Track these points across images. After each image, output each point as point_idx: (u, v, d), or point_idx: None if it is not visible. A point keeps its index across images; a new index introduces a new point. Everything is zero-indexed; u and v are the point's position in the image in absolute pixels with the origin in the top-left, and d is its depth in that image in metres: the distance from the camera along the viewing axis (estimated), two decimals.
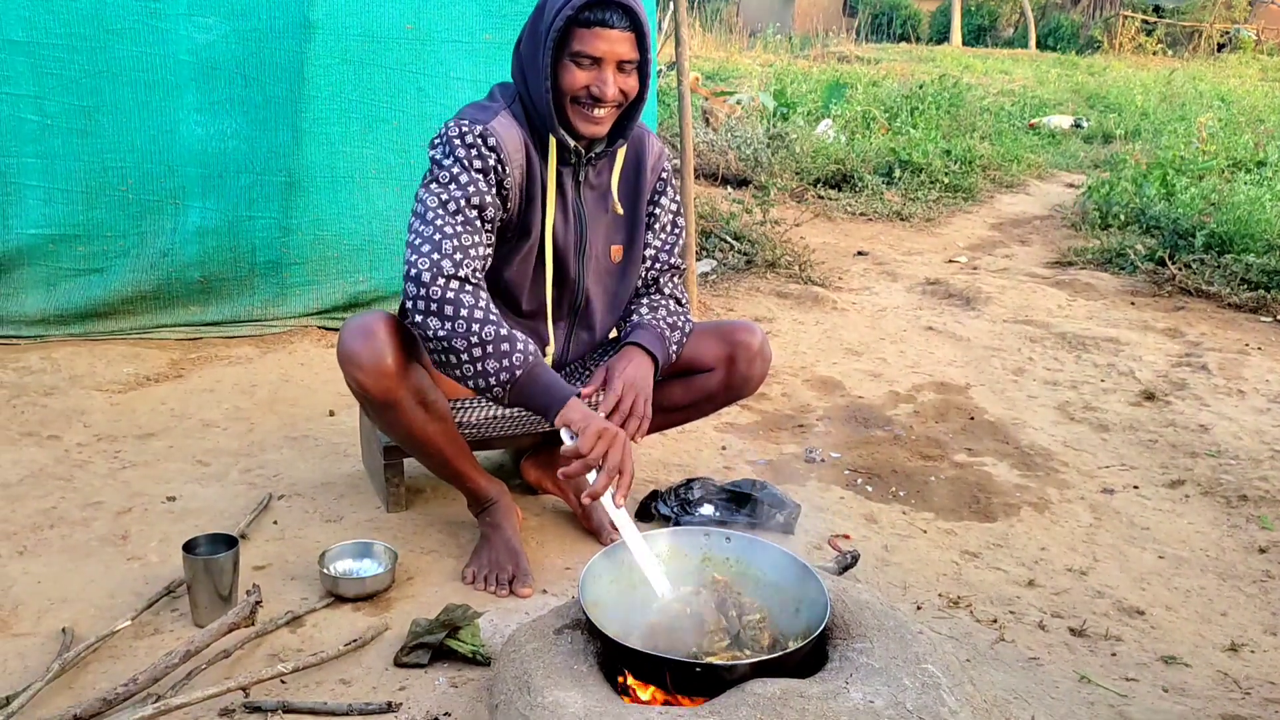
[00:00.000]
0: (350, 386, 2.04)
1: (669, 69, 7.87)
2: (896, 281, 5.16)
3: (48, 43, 3.27)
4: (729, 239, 5.25)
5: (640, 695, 1.57)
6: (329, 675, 1.80)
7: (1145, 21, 22.22)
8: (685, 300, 2.31)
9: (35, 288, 3.45)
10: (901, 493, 2.81)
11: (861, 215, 6.55)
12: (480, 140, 1.96)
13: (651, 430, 2.25)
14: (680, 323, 2.22)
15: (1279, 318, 4.57)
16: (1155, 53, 20.48)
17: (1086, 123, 10.71)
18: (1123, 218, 6.16)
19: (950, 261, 5.65)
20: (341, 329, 2.03)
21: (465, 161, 1.94)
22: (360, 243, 3.69)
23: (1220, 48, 20.96)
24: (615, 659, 1.61)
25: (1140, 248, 5.43)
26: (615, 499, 1.78)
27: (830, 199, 6.78)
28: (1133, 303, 4.86)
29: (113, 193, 3.43)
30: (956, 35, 23.66)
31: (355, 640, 1.88)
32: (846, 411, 3.37)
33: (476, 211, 1.93)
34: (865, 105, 9.17)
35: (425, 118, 3.63)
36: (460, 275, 1.86)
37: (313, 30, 3.43)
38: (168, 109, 3.41)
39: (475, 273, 1.90)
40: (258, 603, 1.90)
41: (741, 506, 2.46)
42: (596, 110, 1.97)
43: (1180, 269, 5.09)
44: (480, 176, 1.95)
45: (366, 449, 2.62)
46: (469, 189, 1.93)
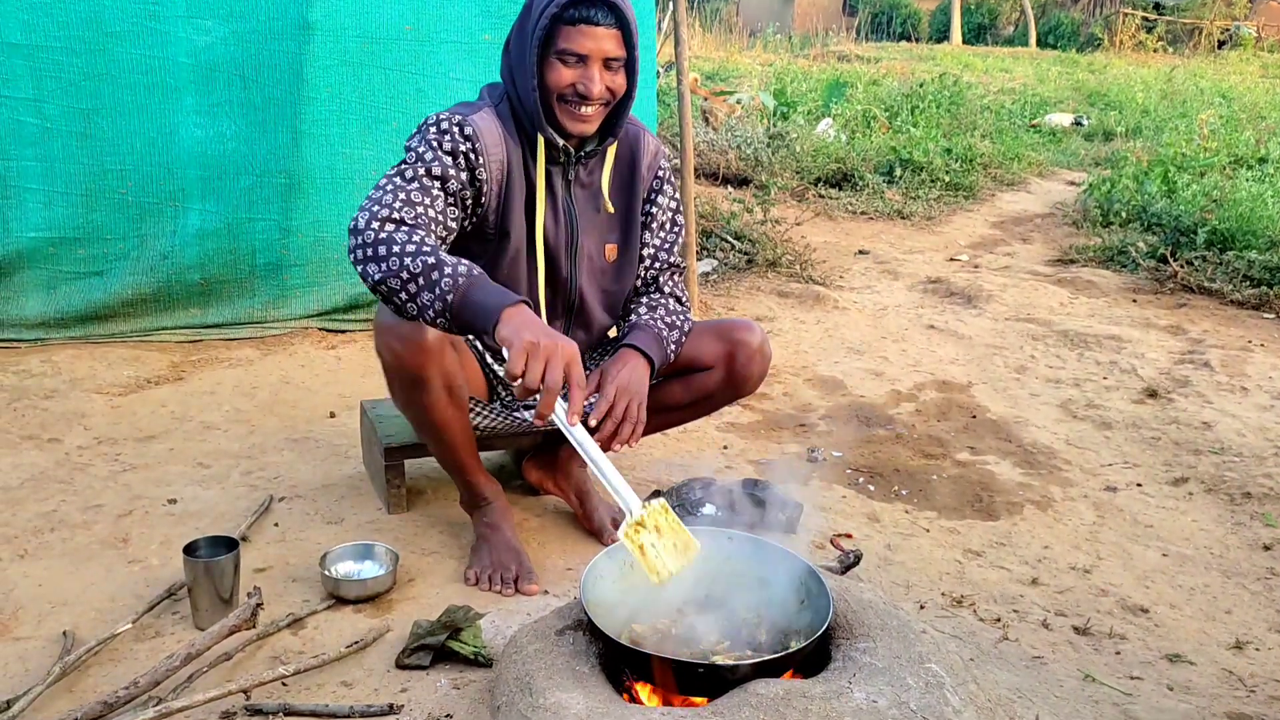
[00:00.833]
0: (382, 357, 2.00)
1: (669, 69, 7.86)
2: (898, 280, 5.15)
3: (47, 46, 3.26)
4: (729, 238, 5.24)
5: (642, 696, 1.57)
6: (330, 677, 1.80)
7: (1145, 19, 22.18)
8: (685, 298, 2.29)
9: (35, 291, 3.45)
10: (904, 491, 2.80)
11: (862, 214, 6.54)
12: (456, 128, 1.96)
13: (652, 430, 2.24)
14: (679, 322, 2.20)
15: None
16: (1156, 50, 20.44)
17: (1087, 120, 10.69)
18: (1124, 215, 6.15)
19: (951, 260, 5.64)
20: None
21: (434, 143, 1.94)
22: None
23: (1221, 45, 20.93)
24: (617, 660, 1.61)
25: (1142, 245, 5.43)
26: (568, 417, 1.65)
27: (831, 198, 6.77)
28: (1135, 300, 4.85)
29: (112, 195, 3.43)
30: (956, 34, 23.64)
31: (357, 642, 1.88)
32: (848, 410, 3.37)
33: (437, 182, 1.91)
34: (865, 104, 9.15)
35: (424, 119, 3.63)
36: (395, 219, 1.80)
37: (311, 32, 3.42)
38: (167, 111, 3.41)
39: (417, 219, 1.84)
40: (259, 605, 1.90)
41: (743, 506, 2.46)
42: (584, 108, 1.96)
43: (1182, 266, 5.08)
44: (448, 157, 1.93)
45: (367, 451, 2.61)
46: (432, 164, 1.91)
